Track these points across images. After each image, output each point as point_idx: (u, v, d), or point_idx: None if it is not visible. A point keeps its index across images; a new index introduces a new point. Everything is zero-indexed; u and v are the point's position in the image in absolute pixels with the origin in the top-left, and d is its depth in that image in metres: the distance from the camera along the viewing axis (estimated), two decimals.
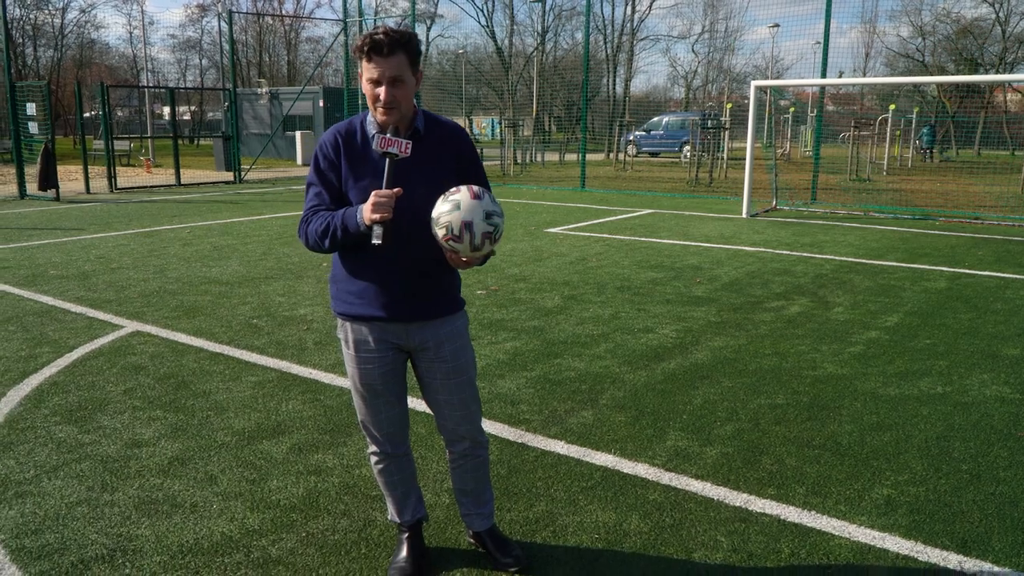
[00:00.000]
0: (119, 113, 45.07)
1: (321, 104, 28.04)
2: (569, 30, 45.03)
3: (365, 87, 2.41)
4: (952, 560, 2.92)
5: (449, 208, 2.34)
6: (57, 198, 15.44)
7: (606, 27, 39.25)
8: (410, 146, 2.37)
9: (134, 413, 4.30)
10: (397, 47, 2.35)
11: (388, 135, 2.37)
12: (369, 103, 2.43)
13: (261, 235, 10.78)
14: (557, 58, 42.20)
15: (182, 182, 18.96)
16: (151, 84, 37.56)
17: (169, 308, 6.57)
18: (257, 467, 3.67)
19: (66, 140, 38.74)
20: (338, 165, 2.50)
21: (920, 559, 2.93)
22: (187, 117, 48.04)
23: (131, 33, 48.88)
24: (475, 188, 2.39)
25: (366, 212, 2.34)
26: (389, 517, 2.94)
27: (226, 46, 30.00)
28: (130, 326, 6.02)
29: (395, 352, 2.63)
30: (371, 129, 2.50)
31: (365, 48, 2.35)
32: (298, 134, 27.32)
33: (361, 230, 2.38)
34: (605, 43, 38.94)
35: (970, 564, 2.89)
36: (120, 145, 26.52)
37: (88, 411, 4.33)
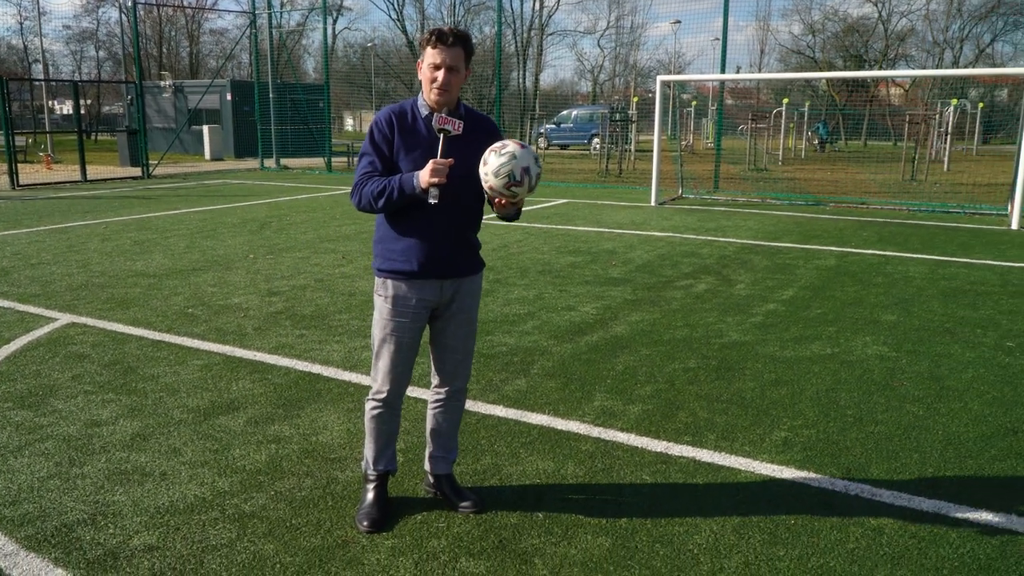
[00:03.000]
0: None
1: (229, 97, 27.56)
2: (478, 24, 45.37)
3: (425, 71, 2.86)
4: (839, 484, 3.45)
5: (507, 159, 2.75)
6: None
7: (515, 21, 39.78)
8: (462, 125, 2.83)
9: (87, 397, 4.46)
10: (459, 41, 2.82)
11: (444, 115, 2.82)
12: (425, 85, 2.88)
13: (181, 229, 10.76)
14: None
15: (88, 178, 18.44)
16: (47, 77, 35.97)
17: (100, 300, 6.64)
18: (218, 439, 3.92)
19: None
20: (391, 139, 2.92)
21: (812, 485, 3.45)
22: (82, 111, 46.07)
23: (22, 24, 46.48)
24: (518, 140, 2.85)
25: (424, 177, 2.77)
26: (363, 465, 3.27)
27: (128, 37, 29.08)
28: (64, 318, 6.08)
29: (426, 311, 3.05)
30: (422, 111, 2.94)
31: (433, 37, 2.81)
32: (205, 128, 26.77)
33: (417, 192, 2.81)
34: (514, 37, 39.48)
35: (853, 487, 3.43)
36: (16, 141, 25.42)
37: (40, 396, 4.46)
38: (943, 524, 3.12)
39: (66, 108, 47.47)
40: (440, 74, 2.84)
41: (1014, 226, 11.27)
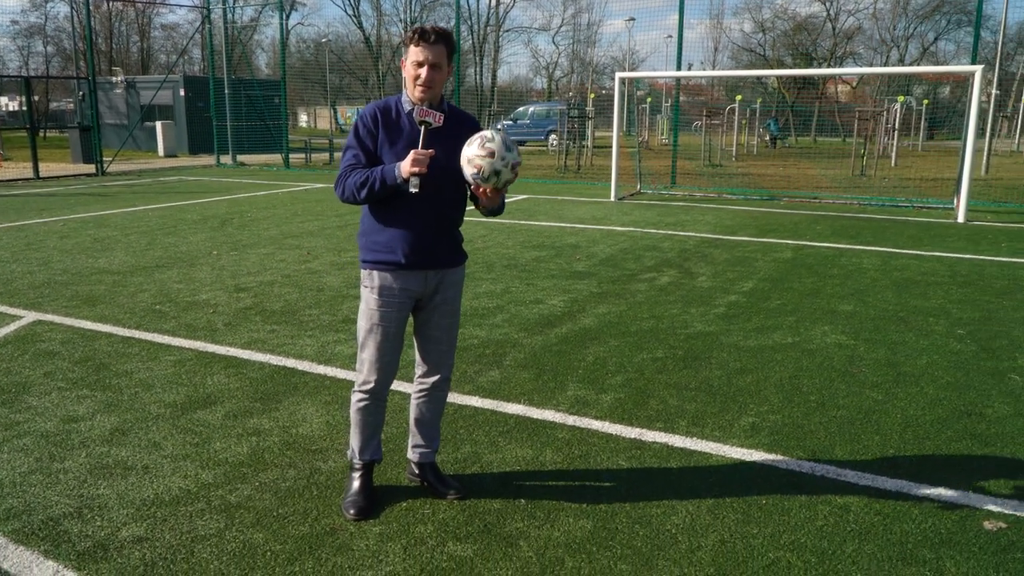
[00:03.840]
0: None
1: (182, 93, 27.12)
2: (433, 20, 45.27)
3: (408, 68, 2.93)
4: (805, 466, 3.62)
5: (515, 153, 2.88)
6: None
7: (471, 17, 39.82)
8: (443, 117, 2.91)
9: (61, 393, 4.44)
10: (440, 39, 2.90)
11: (426, 108, 2.90)
12: (409, 82, 2.96)
13: (140, 226, 10.62)
14: None
15: (41, 175, 18.03)
16: None
17: (65, 298, 6.56)
18: (197, 432, 3.94)
19: None
20: (375, 133, 3.00)
21: (780, 467, 3.61)
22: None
23: None
24: (498, 135, 2.94)
25: (405, 167, 2.85)
26: (348, 455, 3.33)
27: (79, 32, 28.41)
28: (29, 316, 6.01)
29: (411, 301, 3.13)
30: (406, 106, 3.02)
31: (415, 35, 2.89)
32: (158, 124, 26.32)
33: (398, 182, 2.89)
34: (471, 33, 39.50)
35: (819, 468, 3.60)
36: None
37: (12, 394, 4.43)
38: (905, 501, 3.30)
39: (12, 105, 46.13)
40: (423, 71, 2.93)
41: (960, 219, 11.69)
